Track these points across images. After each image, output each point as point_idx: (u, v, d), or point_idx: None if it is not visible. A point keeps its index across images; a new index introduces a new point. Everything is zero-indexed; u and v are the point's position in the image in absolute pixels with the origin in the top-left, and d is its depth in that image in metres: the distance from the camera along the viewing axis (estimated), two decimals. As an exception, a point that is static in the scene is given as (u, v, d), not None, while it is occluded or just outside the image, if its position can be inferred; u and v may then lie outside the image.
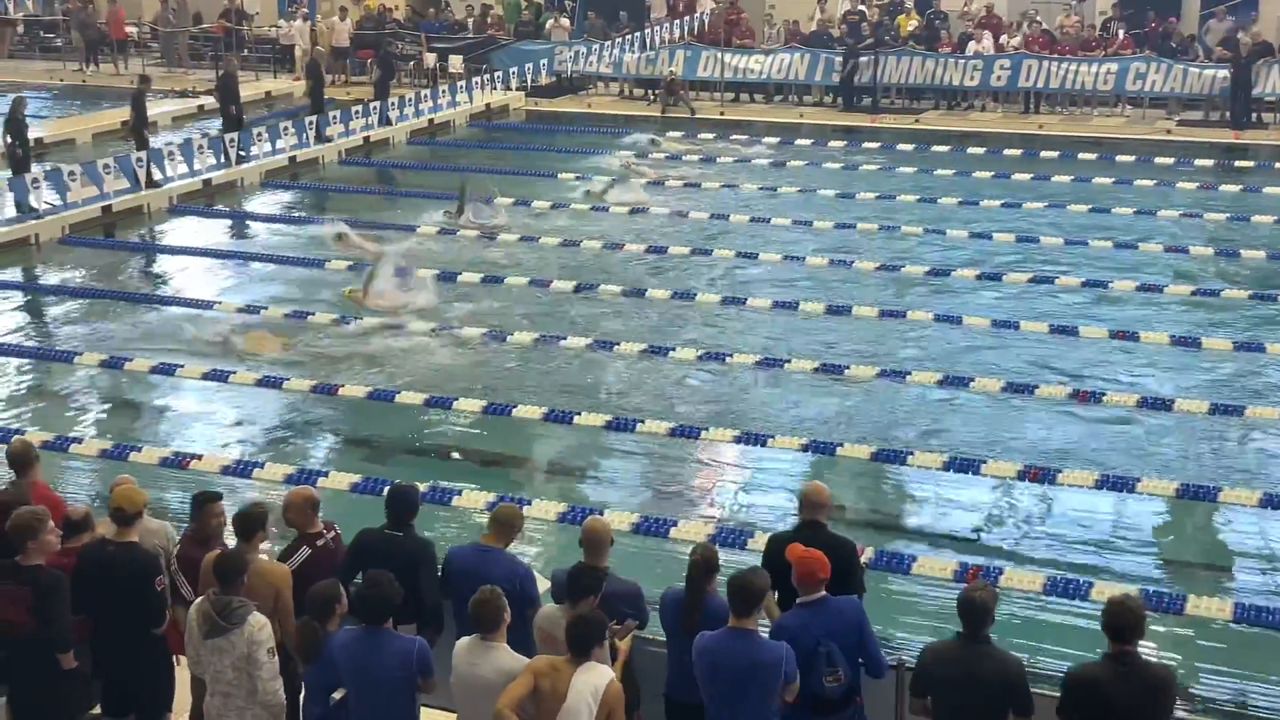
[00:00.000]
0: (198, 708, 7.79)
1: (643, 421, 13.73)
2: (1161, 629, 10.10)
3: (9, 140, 22.00)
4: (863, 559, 9.39)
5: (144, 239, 21.78)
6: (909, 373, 15.00)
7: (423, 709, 7.26)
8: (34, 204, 21.13)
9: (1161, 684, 6.53)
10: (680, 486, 13.07)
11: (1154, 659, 6.85)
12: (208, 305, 17.75)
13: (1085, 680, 6.53)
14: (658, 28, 32.99)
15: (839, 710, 7.10)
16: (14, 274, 19.79)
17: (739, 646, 6.80)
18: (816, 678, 6.94)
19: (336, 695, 7.03)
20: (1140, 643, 6.61)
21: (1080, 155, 26.01)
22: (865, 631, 7.13)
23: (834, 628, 7.01)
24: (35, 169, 22.42)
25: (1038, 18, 31.29)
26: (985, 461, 12.68)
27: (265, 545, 8.03)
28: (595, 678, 6.63)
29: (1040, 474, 12.42)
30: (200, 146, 24.20)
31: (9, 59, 37.35)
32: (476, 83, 30.80)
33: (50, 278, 19.62)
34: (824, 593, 7.07)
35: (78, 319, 17.57)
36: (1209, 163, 25.59)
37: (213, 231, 22.02)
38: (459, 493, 12.13)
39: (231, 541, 7.95)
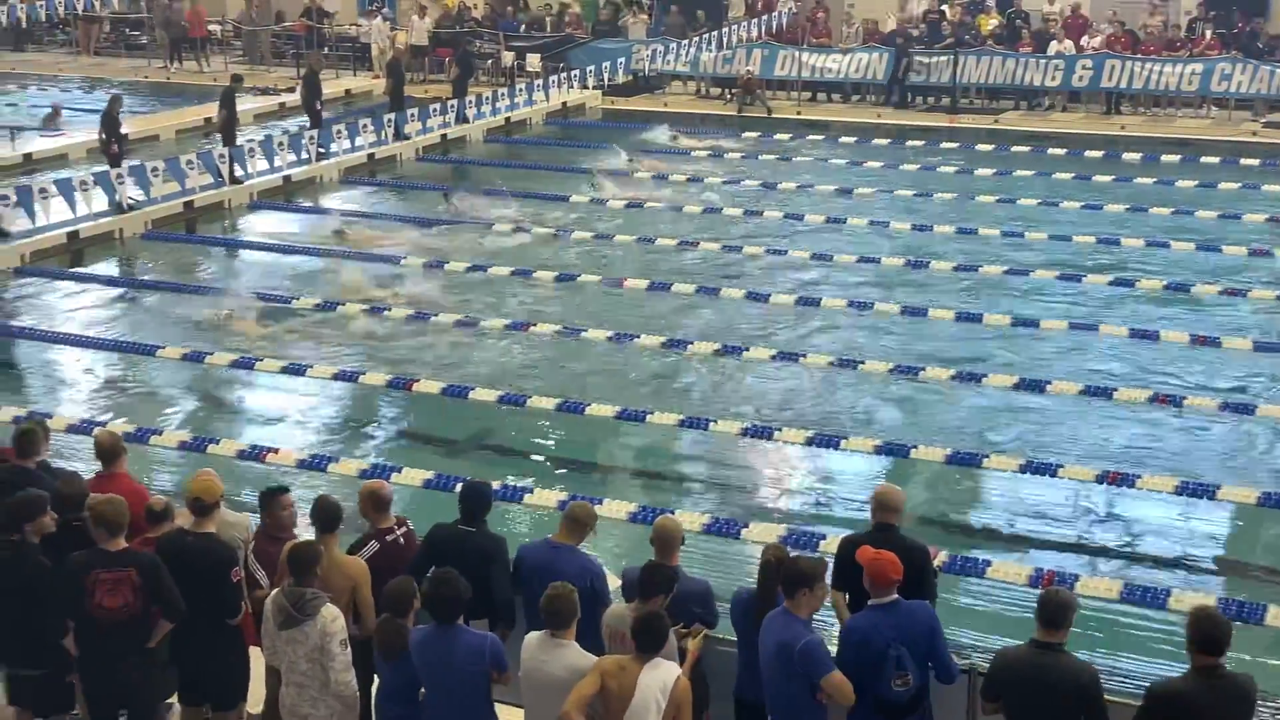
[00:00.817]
0: (273, 698, 7.86)
1: (715, 421, 13.71)
2: (1241, 640, 9.94)
3: (105, 136, 22.39)
4: (935, 562, 9.30)
5: (225, 234, 22.04)
6: (985, 375, 14.86)
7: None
8: (120, 199, 21.45)
9: (1247, 696, 6.40)
10: (752, 487, 13.03)
11: (1235, 670, 6.67)
12: (285, 300, 17.93)
13: (1171, 695, 6.40)
14: (735, 26, 32.90)
15: (906, 714, 7.04)
16: (100, 268, 20.09)
17: (774, 626, 6.88)
18: (885, 681, 6.90)
19: (425, 691, 7.10)
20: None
21: (1163, 157, 25.64)
22: (937, 636, 7.07)
23: (905, 631, 6.96)
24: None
25: (1120, 18, 30.83)
26: (1062, 465, 12.53)
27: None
28: (663, 675, 6.63)
29: (1119, 479, 12.26)
30: (281, 143, 24.47)
31: (95, 56, 37.97)
32: (553, 81, 30.89)
33: (134, 271, 19.91)
34: (896, 595, 7.03)
35: (160, 312, 17.81)
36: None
37: (292, 227, 22.24)
38: (530, 490, 12.18)
39: (305, 534, 8.02)
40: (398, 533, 8.15)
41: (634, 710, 6.55)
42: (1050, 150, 26.38)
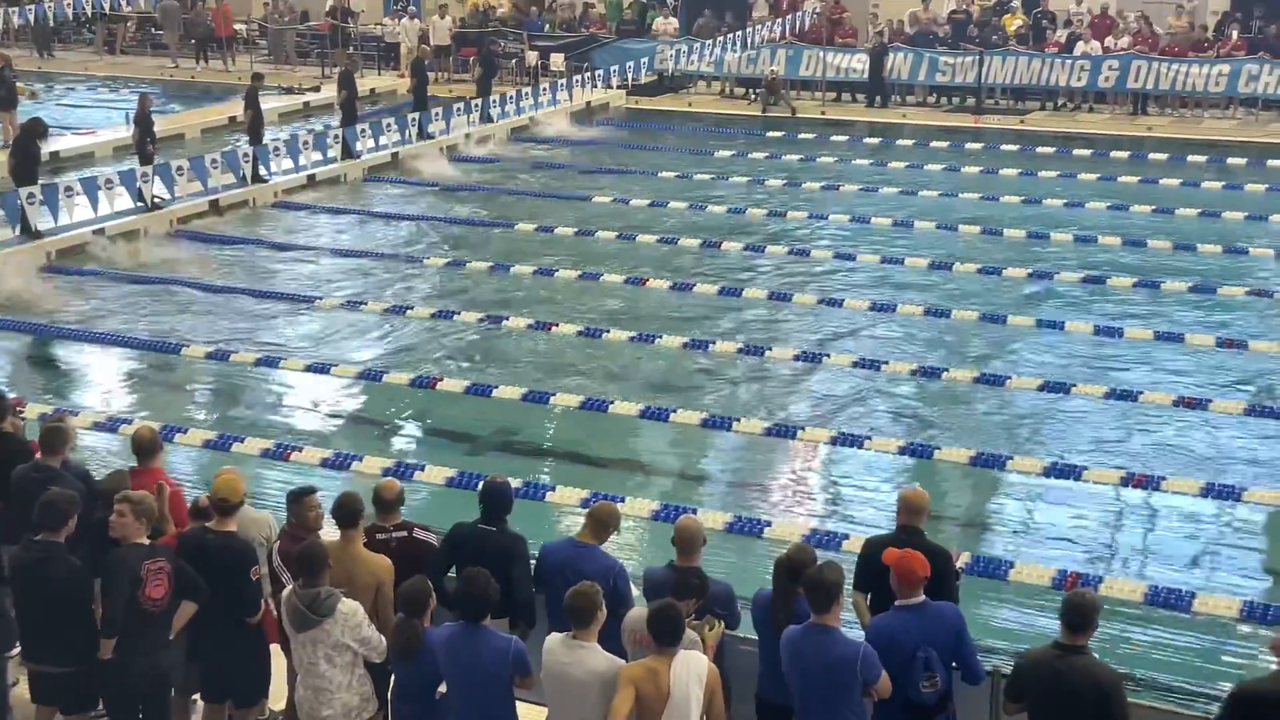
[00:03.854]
0: (293, 696, 7.88)
1: (739, 420, 13.70)
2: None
3: (139, 136, 22.50)
4: (959, 564, 9.27)
5: (250, 233, 22.10)
6: (1009, 378, 14.81)
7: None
8: (147, 198, 21.55)
9: None
10: (775, 486, 13.01)
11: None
12: (309, 300, 17.99)
13: (1257, 696, 6.32)
14: (759, 27, 32.87)
15: (933, 716, 7.04)
16: (126, 265, 20.17)
17: (817, 642, 6.79)
18: (914, 683, 6.88)
19: (442, 689, 7.10)
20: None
21: (1190, 158, 25.51)
22: (964, 637, 7.06)
23: (933, 632, 6.95)
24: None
25: (1146, 18, 30.66)
26: (1087, 468, 12.48)
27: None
28: (694, 664, 6.64)
29: (1143, 481, 12.21)
30: (305, 142, 24.54)
31: (121, 54, 38.15)
32: (577, 81, 30.91)
33: (158, 270, 19.96)
34: (923, 597, 7.01)
35: (185, 311, 17.87)
36: (1324, 166, 24.98)
37: (317, 226, 22.30)
38: (552, 489, 12.18)
39: (331, 535, 8.02)
40: (391, 534, 8.11)
41: (674, 705, 6.54)
42: (1076, 151, 26.28)
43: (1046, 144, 26.89)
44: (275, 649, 8.18)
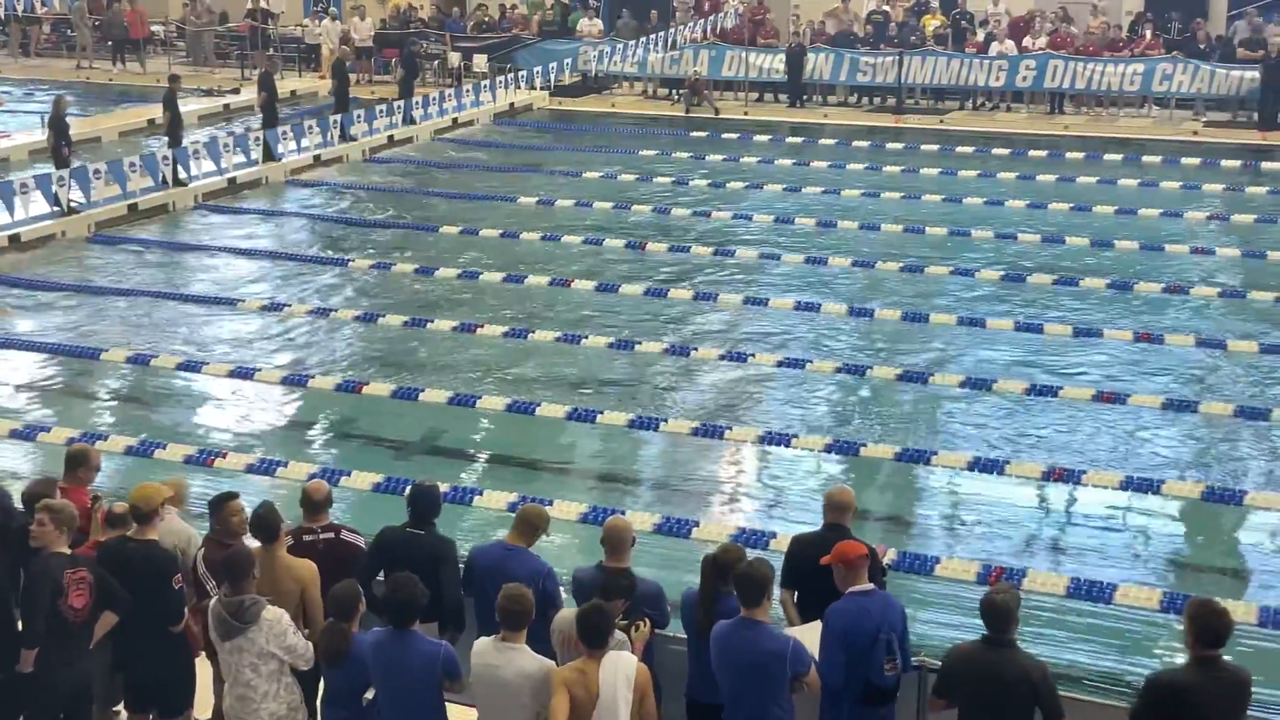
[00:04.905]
0: (220, 705, 7.82)
1: (665, 420, 13.74)
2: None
3: (54, 139, 22.15)
4: (885, 560, 9.36)
5: (170, 237, 21.84)
6: (932, 374, 14.97)
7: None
8: (64, 202, 21.24)
9: (1245, 687, 6.46)
10: (703, 486, 13.05)
11: (1233, 662, 6.75)
12: (231, 303, 17.81)
13: (1171, 686, 6.45)
14: (682, 27, 32.96)
15: (890, 700, 7.15)
16: (42, 271, 19.86)
17: (746, 636, 6.86)
18: (877, 665, 6.97)
19: (369, 695, 7.05)
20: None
21: (1106, 156, 25.89)
22: (906, 625, 7.22)
23: (890, 616, 7.10)
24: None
25: (1068, 18, 31.10)
26: (1009, 462, 12.64)
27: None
28: (623, 665, 6.67)
29: (1064, 475, 12.38)
30: (226, 145, 24.29)
31: (36, 57, 37.55)
32: (500, 82, 30.86)
33: (76, 275, 19.67)
34: (871, 584, 7.12)
35: (104, 316, 17.63)
36: (1236, 164, 25.43)
37: (238, 229, 22.08)
38: (480, 492, 12.15)
39: (255, 540, 7.96)
40: (319, 535, 8.07)
41: (603, 706, 6.56)
42: (995, 150, 26.59)
43: (966, 143, 27.18)
44: (202, 658, 8.10)
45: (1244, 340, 16.08)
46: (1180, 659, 7.51)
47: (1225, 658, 6.51)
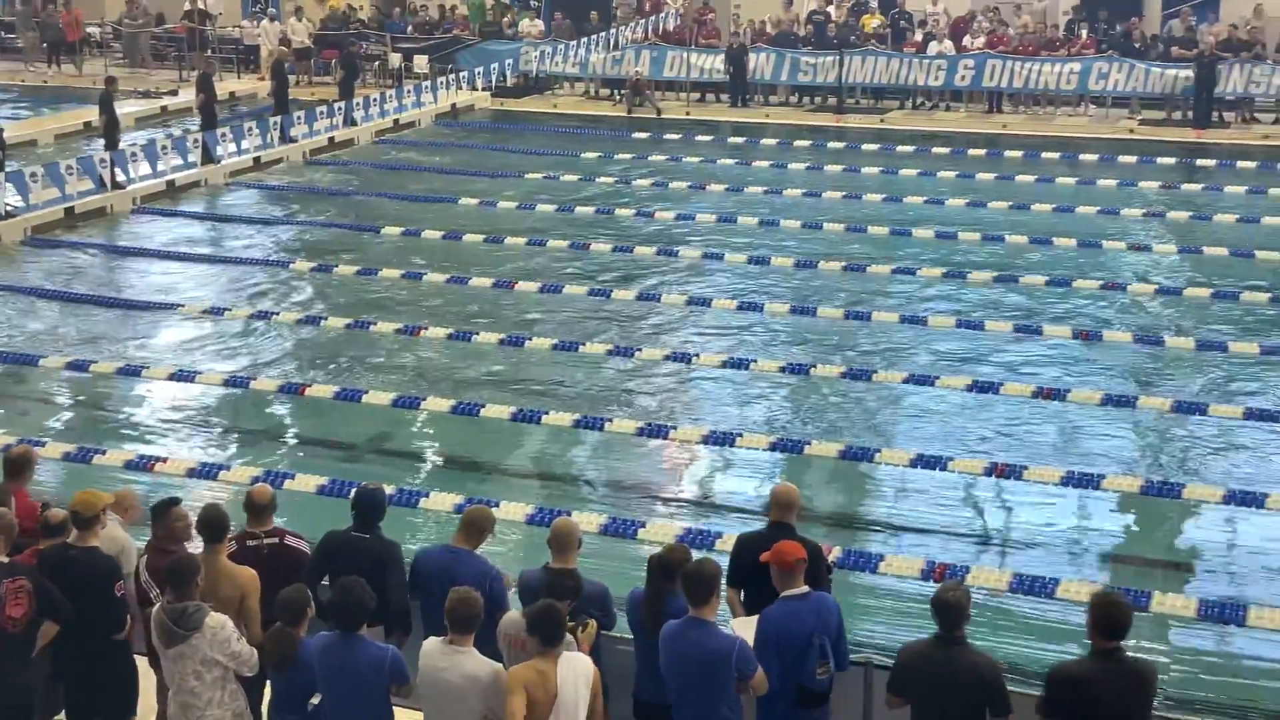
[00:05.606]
0: (163, 712, 7.75)
1: (611, 421, 13.74)
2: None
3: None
4: (830, 558, 9.42)
5: (108, 240, 21.62)
6: (875, 372, 15.06)
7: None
8: (0, 205, 21.01)
9: (1147, 680, 6.53)
10: (649, 486, 13.07)
11: (1137, 654, 6.84)
12: (171, 307, 17.66)
13: (1071, 677, 6.52)
14: (624, 28, 32.99)
15: (823, 703, 7.17)
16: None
17: (693, 636, 6.87)
18: (809, 669, 7.00)
19: (315, 700, 7.01)
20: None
21: (1044, 155, 26.13)
22: (843, 628, 7.24)
23: (823, 620, 7.10)
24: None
25: (1002, 19, 31.39)
26: (952, 459, 12.74)
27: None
28: (579, 665, 6.69)
29: (1006, 471, 12.50)
30: (164, 147, 24.07)
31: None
32: (441, 83, 30.77)
33: (13, 279, 19.43)
34: (806, 587, 7.13)
35: (42, 321, 17.43)
36: (1171, 161, 25.75)
37: (177, 232, 21.87)
38: (426, 494, 12.10)
39: (196, 545, 7.90)
40: (263, 541, 8.01)
41: (562, 706, 6.56)
42: (935, 149, 26.78)
43: (906, 142, 27.36)
44: (144, 665, 8.03)
45: (1181, 336, 16.29)
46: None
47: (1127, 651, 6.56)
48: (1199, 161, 26.11)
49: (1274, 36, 29.64)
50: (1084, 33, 30.84)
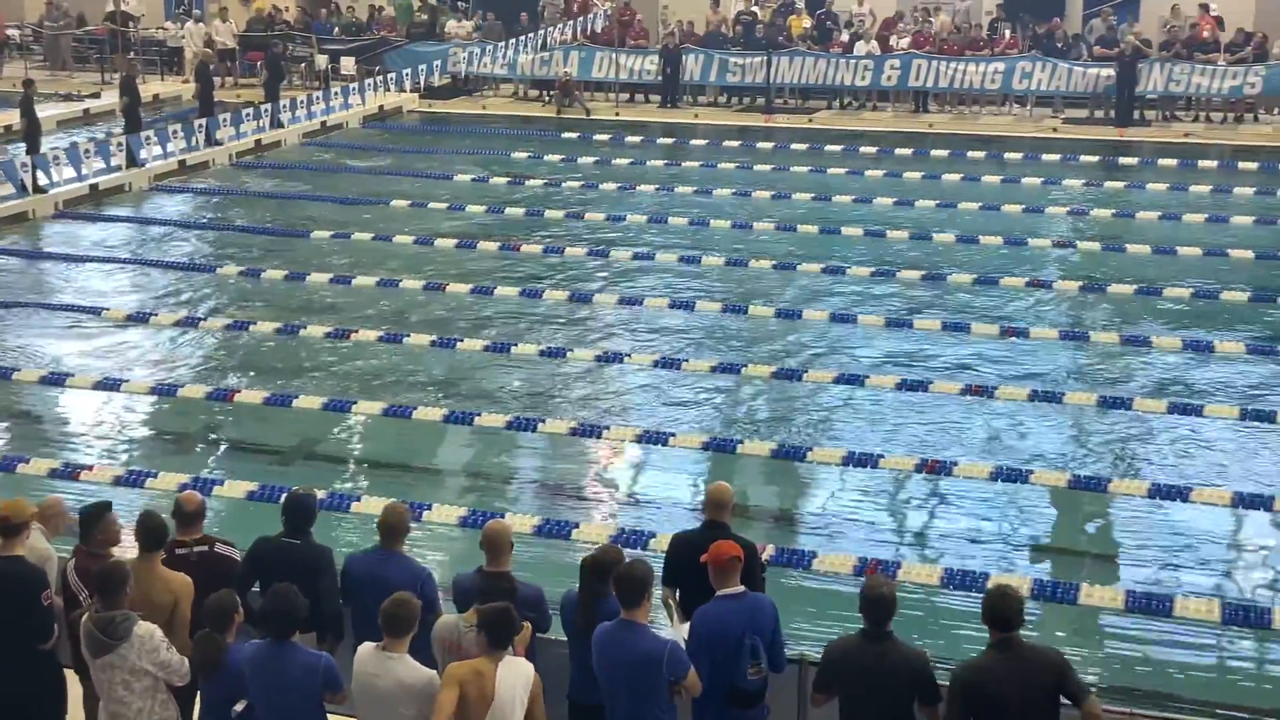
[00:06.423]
0: (92, 722, 7.66)
1: (544, 421, 13.72)
2: (1058, 618, 10.35)
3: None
4: (764, 556, 9.46)
5: (30, 245, 21.28)
6: (806, 371, 15.15)
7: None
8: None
9: (1047, 664, 6.61)
10: (582, 488, 13.07)
11: (1035, 643, 6.94)
12: (96, 311, 17.42)
13: (971, 671, 6.62)
14: (552, 29, 32.96)
15: (756, 703, 7.19)
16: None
17: (624, 638, 6.88)
18: (741, 670, 7.01)
19: (238, 707, 6.94)
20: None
21: (970, 154, 26.40)
22: (778, 628, 7.24)
23: (756, 620, 7.10)
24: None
25: (929, 19, 31.65)
26: (883, 456, 12.84)
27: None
28: (522, 670, 6.67)
29: (937, 467, 12.62)
30: (87, 151, 23.75)
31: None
32: (369, 84, 30.58)
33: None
34: (742, 586, 7.15)
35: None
36: (1094, 160, 26.09)
37: (101, 236, 21.58)
38: (358, 499, 12.03)
39: (130, 553, 7.80)
40: (192, 549, 7.91)
41: (499, 708, 6.53)
42: (863, 149, 26.96)
43: (834, 142, 27.52)
44: (72, 675, 7.92)
45: (1105, 332, 16.52)
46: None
47: (1022, 638, 6.64)
48: (1121, 159, 26.47)
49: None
50: (1008, 33, 31.18)
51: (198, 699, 7.40)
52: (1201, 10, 29.87)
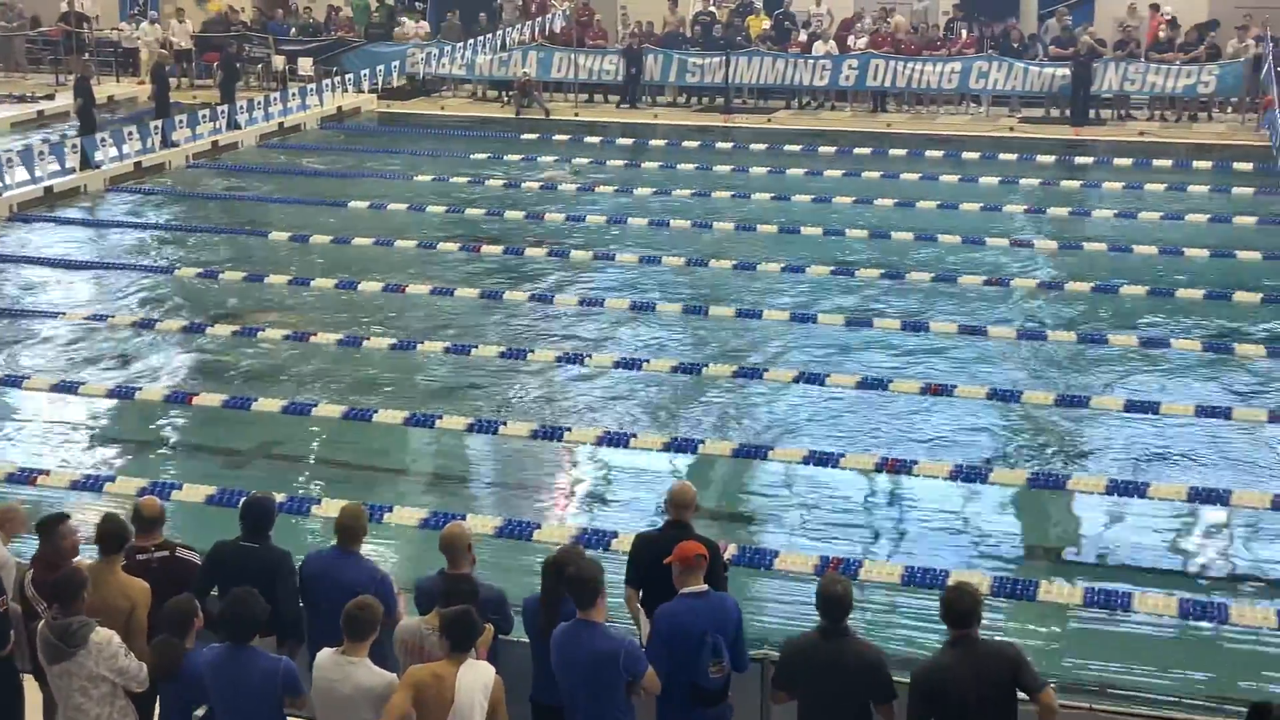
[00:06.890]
0: (51, 730, 7.60)
1: (504, 423, 13.71)
2: (1017, 614, 10.41)
3: None
4: (726, 555, 9.48)
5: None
6: (766, 370, 15.19)
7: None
8: None
9: (1004, 659, 6.67)
10: (544, 488, 13.06)
11: (991, 638, 7.00)
12: (52, 314, 17.28)
13: (929, 669, 6.68)
14: (510, 29, 32.90)
15: (718, 702, 7.20)
16: None
17: (581, 638, 6.90)
18: (703, 668, 7.03)
19: (199, 712, 6.90)
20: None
21: (928, 153, 26.51)
22: (741, 628, 7.26)
23: (718, 620, 7.12)
24: None
25: (888, 19, 31.78)
26: (844, 455, 12.88)
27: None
28: (483, 674, 6.66)
29: (897, 466, 12.68)
30: (41, 153, 23.54)
31: None
32: (327, 85, 30.45)
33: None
34: (705, 585, 7.16)
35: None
36: (1050, 159, 26.26)
37: (56, 239, 21.39)
38: (318, 502, 11.97)
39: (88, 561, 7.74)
40: (152, 555, 7.86)
41: (458, 712, 6.52)
42: (821, 148, 27.03)
43: (793, 141, 27.58)
44: (30, 683, 7.85)
45: (1063, 330, 16.63)
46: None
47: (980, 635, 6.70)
48: (1077, 159, 26.65)
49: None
50: (964, 32, 31.34)
51: (157, 705, 7.35)
52: (1152, 10, 30.11)
